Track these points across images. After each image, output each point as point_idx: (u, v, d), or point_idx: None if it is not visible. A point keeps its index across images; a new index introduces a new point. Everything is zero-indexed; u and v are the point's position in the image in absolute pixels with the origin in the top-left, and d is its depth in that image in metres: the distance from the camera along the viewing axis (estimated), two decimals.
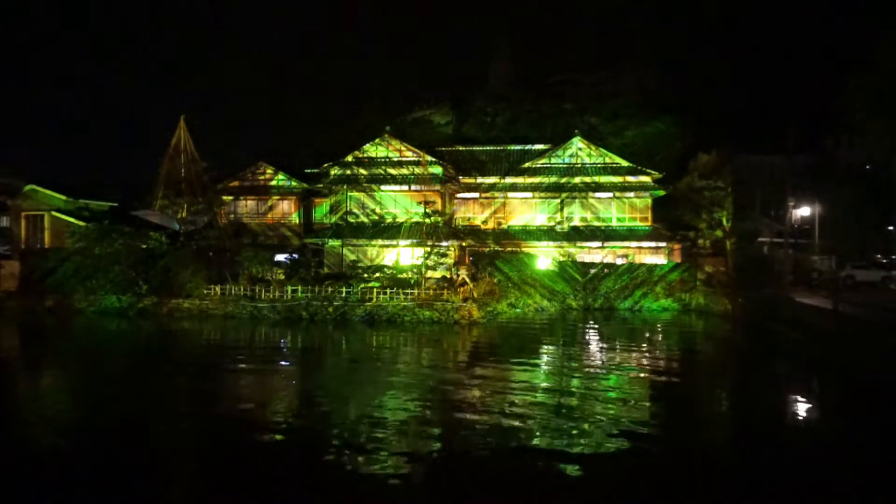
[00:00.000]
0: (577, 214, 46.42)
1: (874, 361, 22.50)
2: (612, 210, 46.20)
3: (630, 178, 45.80)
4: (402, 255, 42.29)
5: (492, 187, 47.26)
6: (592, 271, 42.08)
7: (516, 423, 16.58)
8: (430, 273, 39.70)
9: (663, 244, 44.49)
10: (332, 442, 15.33)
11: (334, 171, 45.12)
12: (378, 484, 12.78)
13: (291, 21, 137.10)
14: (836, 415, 18.86)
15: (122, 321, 36.70)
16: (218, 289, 38.72)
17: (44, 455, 14.69)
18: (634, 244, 44.64)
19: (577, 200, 46.40)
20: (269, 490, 12.56)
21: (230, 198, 50.26)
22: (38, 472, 13.73)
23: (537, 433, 15.86)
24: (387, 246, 42.95)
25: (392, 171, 44.58)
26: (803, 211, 44.67)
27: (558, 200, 46.34)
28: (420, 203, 43.66)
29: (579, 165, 46.82)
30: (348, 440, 15.40)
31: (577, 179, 46.11)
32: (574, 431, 16.04)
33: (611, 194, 45.96)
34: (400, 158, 44.87)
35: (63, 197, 45.46)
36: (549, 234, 45.80)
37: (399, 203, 44.67)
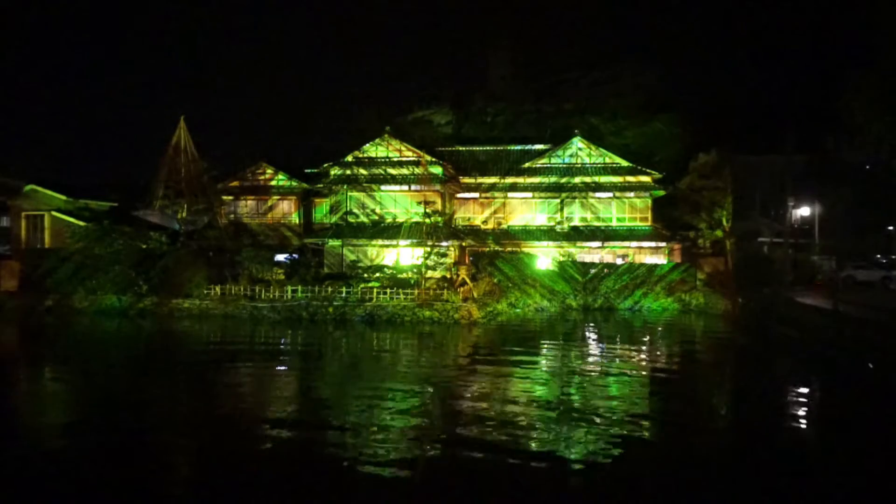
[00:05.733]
0: (577, 214, 46.43)
1: (874, 361, 22.50)
2: (612, 210, 46.21)
3: (630, 178, 45.81)
4: (402, 255, 42.30)
5: (492, 187, 47.27)
6: (592, 271, 42.08)
7: (517, 431, 16.59)
8: (430, 273, 39.72)
9: (663, 244, 44.50)
10: (328, 447, 15.35)
11: (334, 171, 45.13)
12: (377, 488, 12.79)
13: (291, 21, 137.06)
14: (836, 414, 18.85)
15: (122, 321, 36.70)
16: (218, 289, 38.72)
17: (41, 456, 14.68)
18: (634, 244, 44.65)
19: (577, 200, 46.42)
20: (269, 491, 12.58)
21: (230, 198, 50.27)
22: (37, 472, 13.73)
23: (537, 441, 15.87)
24: (387, 246, 42.96)
25: (392, 171, 44.59)
26: (803, 211, 44.67)
27: (558, 200, 46.35)
28: (420, 203, 43.67)
29: (579, 165, 46.84)
30: (346, 445, 15.41)
31: (577, 179, 46.12)
32: (576, 434, 16.04)
33: (611, 194, 45.98)
34: (400, 158, 44.88)
35: (63, 197, 45.46)
36: (549, 234, 45.81)
37: (399, 203, 44.68)
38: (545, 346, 29.93)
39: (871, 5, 25.90)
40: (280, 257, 44.83)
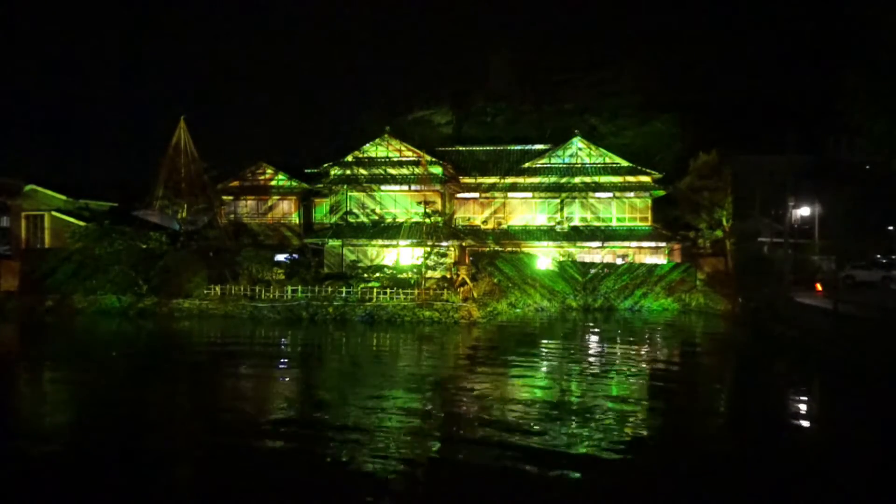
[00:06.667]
0: (577, 214, 46.44)
1: (873, 361, 22.50)
2: (612, 210, 46.22)
3: (630, 178, 45.82)
4: (402, 255, 42.30)
5: (492, 187, 47.28)
6: (592, 271, 42.08)
7: (517, 437, 16.59)
8: (430, 273, 39.73)
9: (663, 244, 44.50)
10: (326, 453, 15.37)
11: (334, 171, 45.14)
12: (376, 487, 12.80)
13: (291, 20, 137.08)
14: (835, 414, 18.86)
15: (122, 321, 36.71)
16: (218, 289, 38.73)
17: (41, 458, 14.69)
18: (634, 244, 44.65)
19: (577, 200, 46.42)
20: (269, 492, 12.58)
21: (230, 198, 50.29)
22: (37, 473, 13.74)
23: (538, 436, 15.87)
24: (387, 246, 42.96)
25: (392, 171, 44.60)
26: (803, 211, 44.64)
27: (558, 200, 46.35)
28: (420, 203, 43.68)
29: (579, 165, 46.85)
30: (344, 449, 15.41)
31: (577, 179, 46.14)
32: (577, 435, 16.04)
33: (611, 194, 45.98)
34: (400, 158, 44.88)
35: (63, 197, 45.48)
36: (549, 234, 45.81)
37: (399, 203, 44.68)
38: (546, 345, 29.92)
39: (870, 5, 25.90)
40: (280, 257, 44.84)
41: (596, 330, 34.68)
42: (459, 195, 47.73)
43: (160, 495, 12.62)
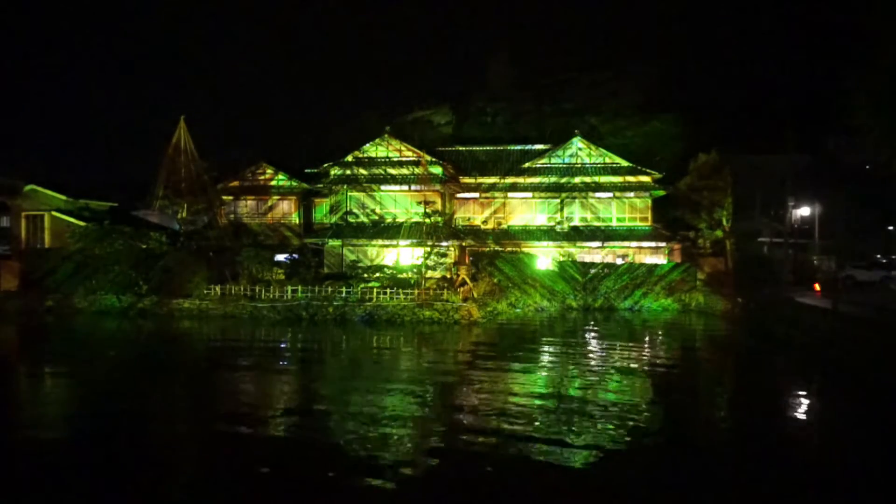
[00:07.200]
0: (577, 214, 46.42)
1: (873, 361, 22.50)
2: (612, 210, 46.21)
3: (630, 178, 45.81)
4: (402, 255, 42.31)
5: (492, 187, 47.27)
6: (592, 271, 42.06)
7: (516, 430, 16.59)
8: (430, 273, 39.73)
9: (663, 244, 44.48)
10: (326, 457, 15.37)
11: (334, 171, 45.15)
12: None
13: (292, 20, 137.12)
14: (835, 414, 18.86)
15: (122, 321, 36.68)
16: (218, 289, 38.72)
17: (42, 457, 14.69)
18: (634, 244, 44.64)
19: (577, 200, 46.41)
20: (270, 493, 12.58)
21: (230, 198, 50.26)
22: (38, 473, 13.75)
23: (538, 433, 15.87)
24: (387, 246, 42.97)
25: (392, 171, 44.60)
26: (803, 211, 44.65)
27: (558, 200, 46.34)
28: (420, 203, 43.67)
29: (579, 165, 46.84)
30: (344, 453, 15.41)
31: (577, 179, 46.13)
32: (576, 429, 16.05)
33: (611, 194, 45.97)
34: (400, 158, 44.89)
35: (63, 197, 45.45)
36: (549, 234, 45.80)
37: (399, 203, 44.68)
38: (546, 344, 29.93)
39: (870, 5, 25.88)
40: (280, 257, 44.82)
41: (596, 330, 34.69)
42: (459, 195, 47.73)
43: (159, 491, 12.63)
